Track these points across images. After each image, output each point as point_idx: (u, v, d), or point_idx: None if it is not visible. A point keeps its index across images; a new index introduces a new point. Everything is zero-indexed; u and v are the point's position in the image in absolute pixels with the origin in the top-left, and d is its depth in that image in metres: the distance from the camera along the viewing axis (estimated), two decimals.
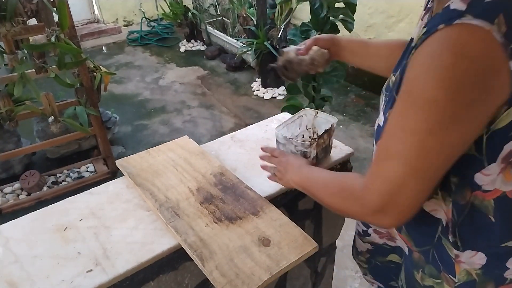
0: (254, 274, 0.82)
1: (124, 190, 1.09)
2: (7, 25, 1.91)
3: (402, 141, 0.58)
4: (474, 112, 0.54)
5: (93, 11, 5.79)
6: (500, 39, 0.51)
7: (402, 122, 0.58)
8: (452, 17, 0.53)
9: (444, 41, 0.53)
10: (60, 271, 0.85)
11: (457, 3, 0.54)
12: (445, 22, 0.53)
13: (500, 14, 0.51)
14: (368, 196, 0.64)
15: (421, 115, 0.55)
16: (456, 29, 0.52)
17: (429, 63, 0.54)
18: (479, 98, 0.53)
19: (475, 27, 0.51)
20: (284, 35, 3.72)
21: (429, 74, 0.53)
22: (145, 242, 0.92)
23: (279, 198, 1.11)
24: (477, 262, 0.72)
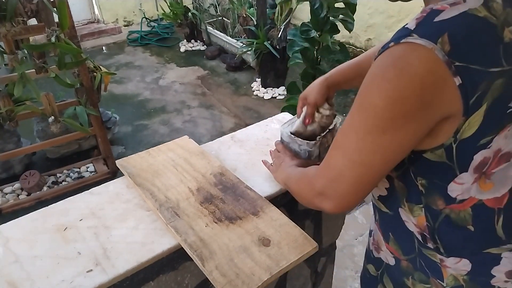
0: (254, 274, 0.82)
1: (124, 190, 1.09)
2: (7, 25, 1.92)
3: (346, 136, 0.65)
4: (411, 124, 0.59)
5: (93, 11, 5.80)
6: (442, 57, 0.54)
7: (349, 120, 0.64)
8: (402, 36, 0.57)
9: (390, 57, 0.58)
10: (60, 271, 0.85)
11: (411, 22, 0.59)
12: (395, 40, 0.58)
13: (444, 34, 0.55)
14: (315, 180, 0.73)
15: (362, 116, 0.61)
16: (401, 47, 0.57)
17: (376, 74, 0.59)
18: (417, 111, 0.57)
19: (418, 45, 0.55)
20: (284, 35, 3.72)
21: (374, 83, 0.59)
22: (145, 242, 0.92)
23: (279, 198, 1.11)
24: (462, 268, 0.73)
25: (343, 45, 2.45)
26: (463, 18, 0.56)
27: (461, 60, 0.55)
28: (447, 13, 0.56)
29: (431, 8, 0.58)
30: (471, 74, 0.55)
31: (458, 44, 0.55)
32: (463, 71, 0.55)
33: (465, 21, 0.56)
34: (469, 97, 0.57)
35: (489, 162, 0.64)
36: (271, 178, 1.13)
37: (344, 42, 4.26)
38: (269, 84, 4.03)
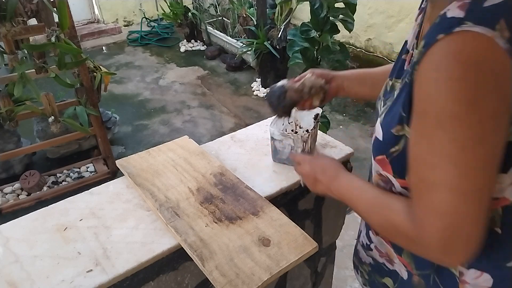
0: (254, 274, 0.82)
1: (124, 190, 1.09)
2: (7, 25, 1.92)
3: (437, 167, 0.53)
4: (499, 119, 0.51)
5: (93, 11, 5.80)
6: (504, 45, 0.48)
7: (429, 147, 0.53)
8: (451, 25, 0.50)
9: (447, 52, 0.50)
10: (60, 271, 0.85)
11: (454, 11, 0.52)
12: (445, 31, 0.50)
13: (501, 19, 0.49)
14: (427, 237, 0.57)
15: (447, 135, 0.51)
16: (457, 38, 0.49)
17: (437, 78, 0.50)
18: (500, 104, 0.50)
19: (476, 34, 0.48)
20: (284, 35, 3.72)
21: (441, 90, 0.50)
22: (145, 242, 0.92)
23: (279, 198, 1.11)
24: (482, 284, 0.67)
25: (343, 45, 2.45)
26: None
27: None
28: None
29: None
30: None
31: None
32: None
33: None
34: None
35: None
36: (271, 178, 1.13)
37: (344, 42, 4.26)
38: (269, 84, 4.03)
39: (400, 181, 0.65)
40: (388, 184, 0.69)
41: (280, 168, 1.17)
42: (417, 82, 0.54)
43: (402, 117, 0.61)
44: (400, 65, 0.73)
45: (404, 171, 0.63)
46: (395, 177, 0.66)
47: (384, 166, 0.67)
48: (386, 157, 0.66)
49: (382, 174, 0.69)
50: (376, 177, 0.73)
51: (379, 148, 0.67)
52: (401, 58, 0.74)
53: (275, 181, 1.12)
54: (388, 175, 0.67)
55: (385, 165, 0.66)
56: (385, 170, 0.67)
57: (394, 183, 0.67)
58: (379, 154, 0.67)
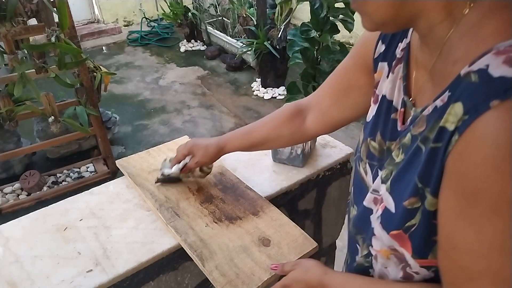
0: (254, 274, 0.82)
1: (124, 190, 1.09)
2: (7, 25, 1.92)
3: (484, 257, 0.46)
4: None
5: (93, 11, 5.80)
6: None
7: (478, 235, 0.46)
8: (507, 89, 0.41)
9: (508, 124, 0.41)
10: (60, 271, 0.85)
11: (500, 68, 0.42)
12: (499, 96, 0.41)
13: None
14: None
15: (503, 223, 0.43)
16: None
17: (496, 156, 0.42)
18: None
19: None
20: (284, 35, 3.72)
21: (502, 171, 0.42)
22: (145, 242, 0.92)
23: (279, 198, 1.11)
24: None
25: (343, 45, 2.45)
26: None
27: None
28: None
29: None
30: None
31: None
32: None
33: None
34: None
35: None
36: (271, 178, 1.13)
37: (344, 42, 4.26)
38: (269, 84, 4.04)
39: (420, 260, 0.57)
40: (402, 262, 0.59)
41: (280, 168, 1.17)
42: (464, 158, 0.45)
43: (418, 188, 0.53)
44: (391, 126, 0.64)
45: (424, 250, 0.56)
46: (414, 257, 0.57)
47: (402, 243, 0.58)
48: (403, 232, 0.57)
49: (397, 250, 0.59)
50: (385, 251, 0.62)
51: (392, 222, 0.59)
52: (389, 118, 0.65)
53: (275, 181, 1.12)
54: (405, 253, 0.58)
55: (404, 241, 0.57)
56: (403, 246, 0.58)
57: (411, 263, 0.58)
58: (394, 229, 0.59)
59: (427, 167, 0.51)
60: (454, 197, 0.47)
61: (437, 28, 0.50)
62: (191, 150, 0.98)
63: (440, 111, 0.49)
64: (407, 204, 0.55)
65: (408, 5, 0.49)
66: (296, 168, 1.17)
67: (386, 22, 0.52)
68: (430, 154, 0.50)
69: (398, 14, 0.50)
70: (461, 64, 0.47)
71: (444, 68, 0.52)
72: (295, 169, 1.17)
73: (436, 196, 0.51)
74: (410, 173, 0.55)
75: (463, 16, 0.48)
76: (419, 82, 0.59)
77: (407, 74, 0.62)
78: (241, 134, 0.96)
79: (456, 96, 0.46)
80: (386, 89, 0.65)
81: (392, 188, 0.60)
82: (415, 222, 0.55)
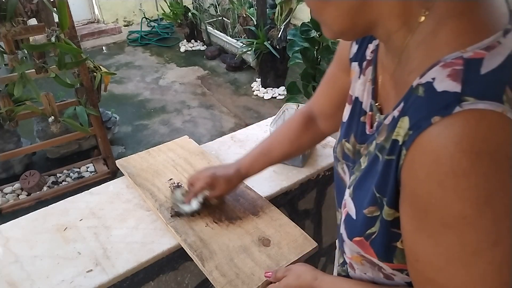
0: (254, 274, 0.82)
1: (124, 190, 1.09)
2: (7, 25, 1.92)
3: (446, 271, 0.46)
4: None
5: (93, 11, 5.79)
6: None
7: (435, 248, 0.45)
8: (448, 104, 0.40)
9: (449, 140, 0.40)
10: (60, 271, 0.85)
11: (444, 82, 0.42)
12: (440, 112, 0.41)
13: (506, 88, 0.41)
14: None
15: (455, 238, 0.43)
16: (460, 120, 0.40)
17: (438, 172, 0.41)
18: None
19: (484, 112, 0.39)
20: (284, 35, 3.72)
21: (445, 188, 0.41)
22: (145, 242, 0.92)
23: (279, 198, 1.11)
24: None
25: None
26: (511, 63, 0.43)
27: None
28: (490, 61, 0.42)
29: (461, 57, 0.42)
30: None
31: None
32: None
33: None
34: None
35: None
36: (271, 178, 1.13)
37: None
38: (269, 84, 4.03)
39: (389, 264, 0.57)
40: (376, 266, 0.60)
41: (280, 168, 1.17)
42: (411, 174, 0.45)
43: (377, 198, 0.53)
44: (361, 128, 0.64)
45: (387, 256, 0.56)
46: (381, 261, 0.57)
47: (366, 249, 0.58)
48: (364, 239, 0.57)
49: (365, 257, 0.60)
50: (356, 258, 0.62)
51: (354, 228, 0.59)
52: (359, 120, 0.64)
53: (275, 181, 1.12)
54: (372, 259, 0.58)
55: (366, 248, 0.58)
56: (368, 253, 0.58)
57: (382, 266, 0.58)
58: (355, 236, 0.59)
59: (383, 178, 0.51)
60: (410, 211, 0.47)
61: (395, 36, 0.50)
62: (211, 183, 0.93)
63: (394, 122, 0.49)
64: (367, 213, 0.55)
65: (364, 14, 0.49)
66: (296, 168, 1.17)
67: (344, 31, 0.52)
68: (385, 166, 0.50)
69: (355, 23, 0.50)
70: (415, 74, 0.47)
71: (402, 77, 0.51)
72: (295, 169, 1.17)
73: (392, 207, 0.51)
74: (369, 181, 0.55)
75: (419, 25, 0.47)
76: (385, 87, 0.58)
77: (375, 77, 0.61)
78: (260, 155, 0.93)
79: (406, 109, 0.46)
80: (358, 91, 0.65)
81: (354, 194, 0.60)
82: (375, 230, 0.55)
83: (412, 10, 0.47)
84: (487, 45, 0.43)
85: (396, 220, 0.51)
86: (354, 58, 0.66)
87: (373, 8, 0.48)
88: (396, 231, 0.52)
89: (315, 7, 0.51)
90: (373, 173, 0.54)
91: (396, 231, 0.52)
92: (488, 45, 0.43)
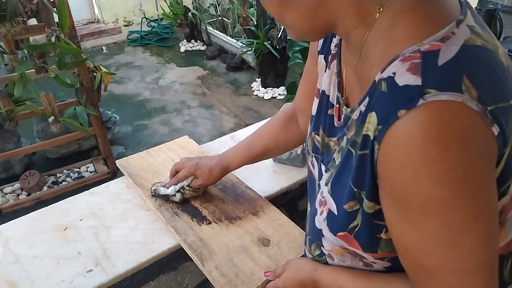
0: (254, 274, 0.82)
1: (124, 190, 1.09)
2: (7, 25, 1.92)
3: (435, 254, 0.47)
4: (491, 188, 0.46)
5: (93, 11, 5.79)
6: (476, 107, 0.42)
7: (421, 234, 0.47)
8: (412, 97, 0.42)
9: (415, 131, 0.42)
10: (60, 271, 0.85)
11: (405, 76, 0.44)
12: (405, 106, 0.43)
13: (463, 78, 0.42)
14: None
15: (438, 221, 0.45)
16: (423, 112, 0.42)
17: (411, 163, 0.43)
18: (488, 173, 0.45)
19: (445, 103, 0.41)
20: (284, 35, 3.72)
21: (420, 176, 0.43)
22: (145, 242, 0.92)
23: (279, 198, 1.11)
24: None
25: None
26: (467, 53, 0.45)
27: (491, 103, 0.43)
28: (446, 52, 0.44)
29: (418, 50, 0.44)
30: (502, 115, 0.44)
31: (481, 85, 0.43)
32: (497, 116, 0.44)
33: (471, 55, 0.45)
34: (505, 145, 0.46)
35: (506, 208, 0.54)
36: (271, 178, 1.13)
37: None
38: (269, 84, 4.03)
39: (373, 254, 0.59)
40: (357, 256, 0.62)
41: (280, 168, 1.17)
42: (386, 166, 0.47)
43: (355, 192, 0.54)
44: (329, 121, 0.65)
45: (372, 247, 0.57)
46: (365, 252, 0.59)
47: (350, 243, 0.60)
48: (348, 233, 0.58)
49: (348, 249, 0.61)
50: (337, 250, 0.64)
51: (337, 224, 0.60)
52: (327, 113, 0.65)
53: (275, 181, 1.12)
54: (356, 250, 0.60)
55: (351, 241, 0.59)
56: (352, 246, 0.60)
57: (365, 256, 0.60)
58: (339, 231, 0.60)
59: (359, 172, 0.52)
60: (391, 202, 0.49)
61: (353, 33, 0.51)
62: (194, 172, 0.98)
63: (362, 117, 0.50)
64: (347, 208, 0.57)
65: (323, 15, 0.50)
66: (296, 168, 1.17)
67: (306, 32, 0.54)
68: (360, 160, 0.51)
69: (316, 23, 0.52)
70: (376, 69, 0.48)
71: (364, 72, 0.53)
72: (295, 169, 1.17)
73: (372, 200, 0.52)
74: (346, 177, 0.57)
75: (375, 21, 0.49)
76: (350, 80, 0.60)
77: (340, 70, 0.63)
78: (241, 149, 0.97)
79: (372, 104, 0.48)
80: (325, 84, 0.66)
81: (332, 190, 0.61)
82: (357, 223, 0.57)
83: (367, 8, 0.49)
84: (442, 36, 0.45)
85: (378, 213, 0.53)
86: (321, 51, 0.69)
87: (330, 8, 0.50)
88: (378, 222, 0.54)
89: (276, 12, 0.53)
90: (348, 168, 0.56)
91: (378, 222, 0.54)
92: (443, 36, 0.45)
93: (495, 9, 2.19)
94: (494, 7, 2.21)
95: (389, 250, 0.56)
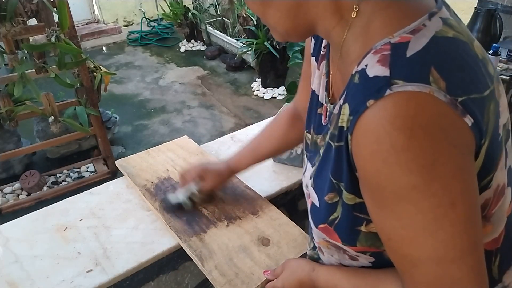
0: (254, 273, 0.82)
1: (124, 190, 1.09)
2: (7, 25, 1.92)
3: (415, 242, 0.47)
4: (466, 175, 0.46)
5: (93, 11, 5.79)
6: (444, 98, 0.43)
7: (399, 222, 0.47)
8: (380, 88, 0.44)
9: (383, 120, 0.43)
10: (60, 271, 0.85)
11: (374, 67, 0.45)
12: (373, 96, 0.44)
13: (431, 69, 0.43)
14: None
15: (413, 207, 0.46)
16: (390, 102, 0.43)
17: (380, 151, 0.44)
18: (459, 161, 0.45)
19: (411, 93, 0.42)
20: None
21: (389, 164, 0.44)
22: (145, 242, 0.92)
23: (279, 198, 1.11)
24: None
25: None
26: (436, 44, 0.45)
27: (461, 93, 0.44)
28: (415, 44, 0.45)
29: (388, 43, 0.46)
30: (475, 106, 0.45)
31: (450, 76, 0.44)
32: (469, 106, 0.44)
33: (441, 46, 0.46)
34: (482, 136, 0.46)
35: (490, 203, 0.54)
36: (271, 178, 1.13)
37: None
38: (269, 84, 4.03)
39: (353, 248, 0.60)
40: (340, 249, 0.63)
41: (280, 168, 1.17)
42: (358, 155, 0.48)
43: (334, 184, 0.55)
44: (317, 120, 0.67)
45: (352, 239, 0.58)
46: (345, 245, 0.60)
47: (330, 235, 0.61)
48: (328, 225, 0.60)
49: (330, 242, 0.62)
50: (323, 243, 0.65)
51: (319, 216, 0.62)
52: (317, 112, 0.67)
53: (275, 181, 1.12)
54: (337, 243, 0.61)
55: (331, 234, 0.60)
56: (332, 238, 0.61)
57: (347, 249, 0.61)
58: (321, 223, 0.61)
59: (337, 164, 0.54)
60: (368, 192, 0.50)
61: (333, 32, 0.53)
62: (202, 175, 0.98)
63: (339, 110, 0.52)
64: (328, 199, 0.58)
65: (303, 14, 0.52)
66: (296, 168, 1.17)
67: (289, 31, 0.55)
68: (337, 152, 0.53)
69: (297, 23, 0.53)
70: (355, 64, 0.50)
71: (345, 69, 0.54)
72: (295, 169, 1.17)
73: (351, 192, 0.53)
74: (326, 169, 0.58)
75: (353, 20, 0.50)
76: (336, 79, 0.61)
77: (329, 71, 0.64)
78: (248, 152, 0.99)
79: (346, 96, 0.50)
80: (315, 84, 0.68)
81: (315, 183, 0.63)
82: (337, 215, 0.58)
83: (344, 8, 0.50)
84: (413, 28, 0.46)
85: (359, 205, 0.54)
86: (313, 53, 0.70)
87: (309, 8, 0.51)
88: (359, 215, 0.55)
89: (258, 11, 0.55)
90: (328, 161, 0.57)
91: (359, 215, 0.55)
92: (414, 28, 0.46)
93: (495, 9, 2.19)
94: (494, 7, 2.21)
95: (369, 244, 0.57)
